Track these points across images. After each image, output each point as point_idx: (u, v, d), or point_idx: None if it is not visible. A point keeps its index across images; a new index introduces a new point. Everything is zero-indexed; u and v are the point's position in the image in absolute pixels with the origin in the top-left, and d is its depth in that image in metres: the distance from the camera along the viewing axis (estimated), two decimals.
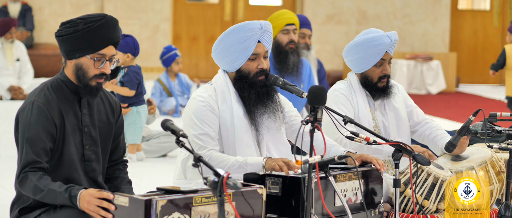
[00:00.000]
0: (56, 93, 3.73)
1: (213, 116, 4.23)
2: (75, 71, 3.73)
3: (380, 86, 4.84)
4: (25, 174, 3.62)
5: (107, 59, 3.73)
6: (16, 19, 11.55)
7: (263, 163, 4.09)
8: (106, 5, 14.82)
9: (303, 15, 8.03)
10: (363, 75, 4.86)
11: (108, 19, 3.70)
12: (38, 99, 3.69)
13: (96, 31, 3.67)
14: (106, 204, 3.44)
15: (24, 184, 3.63)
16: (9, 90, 10.41)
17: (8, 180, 6.17)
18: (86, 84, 3.73)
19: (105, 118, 3.87)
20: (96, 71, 3.71)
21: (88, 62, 3.71)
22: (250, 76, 4.27)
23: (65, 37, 3.69)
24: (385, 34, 4.76)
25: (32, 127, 3.64)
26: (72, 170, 3.74)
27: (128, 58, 6.96)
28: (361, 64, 4.82)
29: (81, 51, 3.69)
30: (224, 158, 4.15)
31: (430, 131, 4.96)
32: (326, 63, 14.12)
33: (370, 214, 4.21)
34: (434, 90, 15.13)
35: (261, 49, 4.27)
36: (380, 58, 4.78)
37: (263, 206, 3.64)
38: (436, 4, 16.10)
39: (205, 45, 15.61)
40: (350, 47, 4.83)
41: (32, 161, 3.62)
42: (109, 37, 3.71)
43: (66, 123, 3.71)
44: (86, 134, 3.78)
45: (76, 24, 3.68)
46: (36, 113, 3.65)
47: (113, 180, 3.97)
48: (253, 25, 4.22)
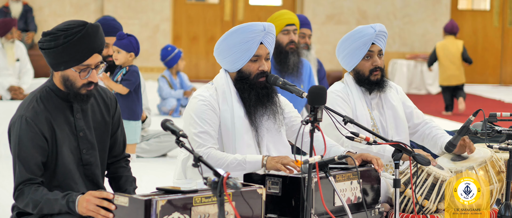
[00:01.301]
0: (45, 104, 3.69)
1: (213, 115, 4.23)
2: (63, 82, 3.70)
3: (373, 80, 4.82)
4: (21, 190, 3.62)
5: (93, 67, 3.67)
6: (16, 19, 11.54)
7: (263, 161, 4.09)
8: (106, 5, 14.82)
9: (303, 15, 8.02)
10: (355, 71, 4.84)
11: (88, 29, 3.62)
12: (26, 113, 3.65)
13: (77, 44, 3.60)
14: (106, 203, 3.43)
15: (21, 200, 3.63)
16: (9, 90, 10.40)
17: (8, 180, 6.16)
18: (76, 93, 3.69)
19: (100, 117, 3.85)
20: (84, 81, 3.67)
21: (73, 74, 3.66)
22: (250, 77, 4.27)
23: (47, 50, 3.63)
24: (369, 26, 4.75)
25: (22, 143, 3.62)
26: (68, 179, 3.72)
27: (131, 57, 6.97)
28: (351, 60, 4.80)
29: (65, 64, 3.64)
30: (222, 155, 4.15)
31: (430, 130, 4.96)
32: (326, 63, 14.12)
33: (369, 214, 4.21)
34: (434, 90, 15.13)
35: (263, 51, 4.27)
36: (367, 50, 4.76)
37: (262, 206, 3.64)
38: (436, 4, 16.10)
39: (205, 45, 15.61)
40: (339, 46, 4.83)
41: (26, 179, 3.62)
42: (92, 47, 3.65)
43: (57, 133, 3.68)
44: (82, 138, 3.76)
45: (57, 37, 3.60)
46: (25, 129, 3.62)
47: (117, 180, 3.95)
48: (256, 26, 4.22)
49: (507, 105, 13.06)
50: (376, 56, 4.79)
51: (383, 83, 4.84)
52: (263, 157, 4.10)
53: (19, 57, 10.83)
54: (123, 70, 6.96)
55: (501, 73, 16.99)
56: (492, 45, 16.86)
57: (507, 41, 16.91)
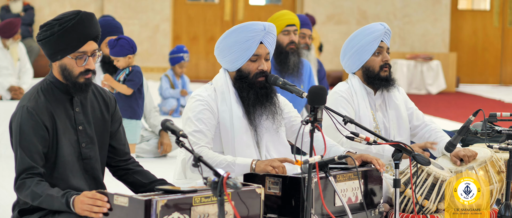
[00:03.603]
0: (46, 96, 3.73)
1: (210, 115, 4.23)
2: (61, 72, 3.74)
3: (383, 76, 4.83)
4: (23, 181, 3.63)
5: (89, 55, 3.74)
6: (20, 19, 11.53)
7: (252, 165, 4.07)
8: (106, 5, 14.82)
9: (303, 15, 8.03)
10: (365, 68, 4.84)
11: (82, 16, 3.71)
12: (28, 103, 3.69)
13: (71, 31, 3.68)
14: (100, 203, 3.44)
15: (21, 191, 3.64)
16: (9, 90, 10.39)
17: (8, 180, 6.17)
18: (74, 82, 3.73)
19: (99, 114, 3.87)
20: (81, 69, 3.72)
21: (70, 62, 3.72)
22: (250, 76, 4.27)
23: (43, 41, 3.71)
24: (377, 23, 4.81)
25: (24, 132, 3.65)
26: (68, 171, 3.73)
27: (130, 58, 6.98)
28: (360, 56, 4.80)
29: (61, 52, 3.70)
30: (213, 155, 4.14)
31: (429, 133, 4.95)
32: (326, 63, 14.13)
33: (370, 214, 4.21)
34: (434, 90, 15.13)
35: (263, 51, 4.27)
36: (378, 46, 4.78)
37: (261, 205, 3.64)
38: (436, 4, 16.10)
39: (205, 45, 15.61)
40: (347, 44, 4.84)
41: (28, 167, 3.62)
42: (87, 33, 3.72)
43: (58, 125, 3.71)
44: (81, 132, 3.78)
45: (52, 27, 3.69)
46: (26, 118, 3.66)
47: (138, 174, 3.94)
48: (256, 26, 4.22)
49: (507, 105, 13.05)
50: (385, 52, 4.82)
51: (392, 81, 4.86)
52: (253, 161, 4.07)
53: (19, 57, 10.82)
54: (126, 70, 6.98)
55: (501, 73, 16.99)
56: (492, 45, 16.86)
57: (507, 41, 16.91)
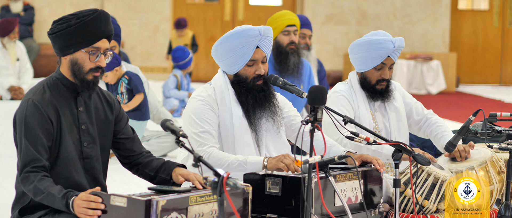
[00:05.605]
0: (52, 91, 3.74)
1: (213, 114, 4.23)
2: (70, 67, 3.75)
3: (378, 89, 4.84)
4: (27, 175, 3.62)
5: (102, 52, 3.75)
6: (18, 18, 11.53)
7: (264, 163, 4.08)
8: (106, 5, 14.82)
9: (303, 15, 8.03)
10: (363, 75, 4.86)
11: (100, 13, 3.74)
12: (33, 96, 3.70)
13: (89, 25, 3.70)
14: (94, 205, 3.43)
15: (25, 184, 3.63)
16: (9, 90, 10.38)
17: (8, 180, 6.17)
18: (82, 79, 3.74)
19: (103, 115, 3.88)
20: (92, 65, 3.73)
21: (83, 56, 3.73)
22: (247, 81, 4.27)
23: (58, 33, 3.71)
24: (389, 39, 4.73)
25: (29, 124, 3.65)
26: (71, 167, 3.74)
27: (118, 71, 7.01)
28: (362, 64, 4.81)
29: (76, 45, 3.71)
30: (223, 155, 4.14)
31: (431, 129, 4.95)
32: (326, 63, 14.12)
33: (370, 214, 4.21)
34: (434, 90, 15.13)
35: (259, 55, 4.26)
36: (381, 62, 4.77)
37: (249, 204, 3.64)
38: (436, 4, 16.10)
39: (205, 45, 15.61)
40: (354, 45, 4.83)
41: (33, 159, 3.62)
42: (103, 30, 3.73)
43: (62, 120, 3.72)
44: (83, 131, 3.78)
45: (69, 20, 3.70)
46: (32, 110, 3.66)
47: (149, 178, 3.93)
48: (251, 31, 4.20)
49: (507, 105, 13.06)
50: (387, 69, 4.80)
51: (387, 94, 4.85)
52: (264, 159, 4.09)
53: (19, 57, 10.81)
54: (124, 80, 6.99)
55: (501, 73, 16.99)
56: (492, 45, 16.86)
57: (507, 41, 16.91)
